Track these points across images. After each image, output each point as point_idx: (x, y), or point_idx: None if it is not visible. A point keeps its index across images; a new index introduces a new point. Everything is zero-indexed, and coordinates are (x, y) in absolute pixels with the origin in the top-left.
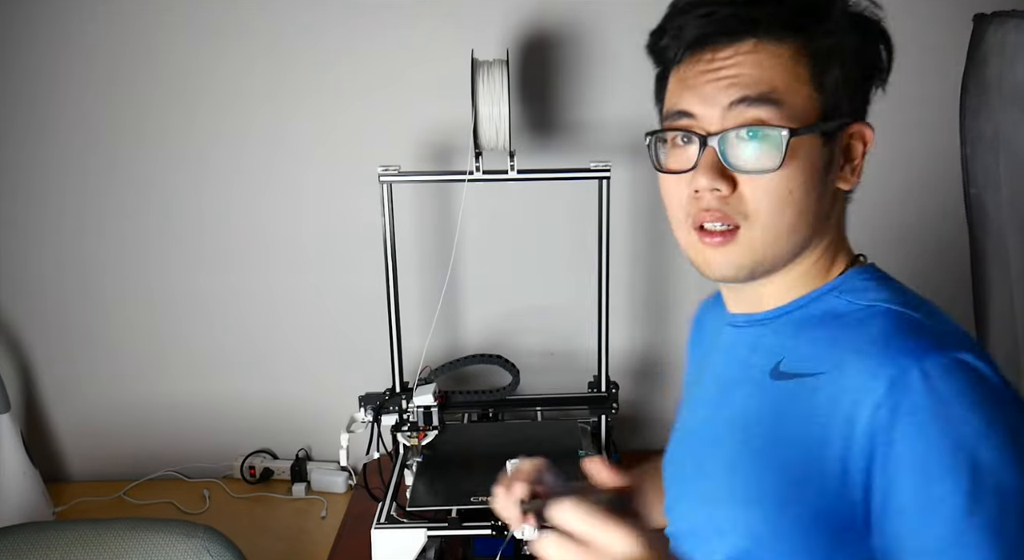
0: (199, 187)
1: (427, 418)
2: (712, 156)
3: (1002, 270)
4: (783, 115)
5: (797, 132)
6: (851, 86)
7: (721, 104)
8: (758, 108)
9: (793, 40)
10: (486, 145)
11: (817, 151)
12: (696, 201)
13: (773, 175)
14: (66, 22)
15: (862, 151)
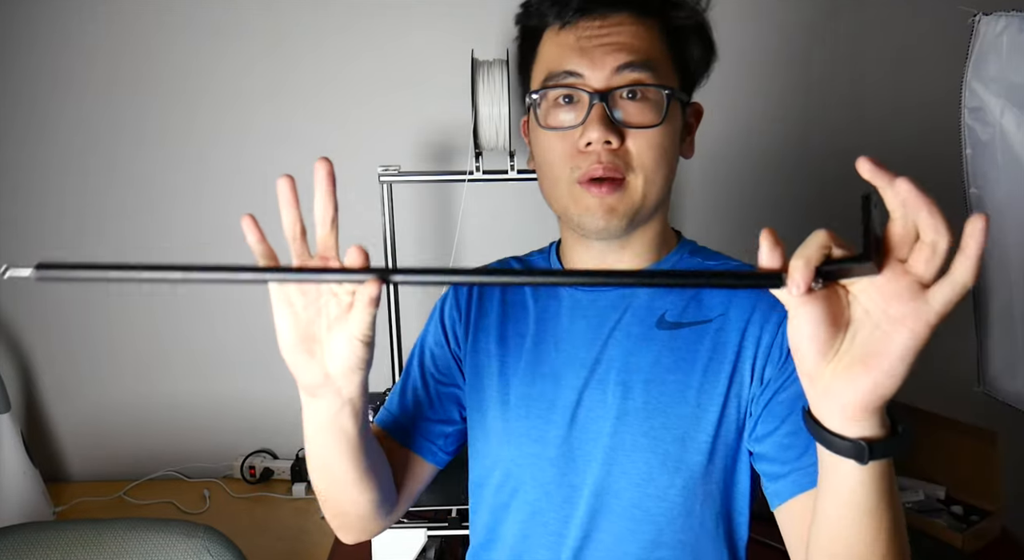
0: (199, 187)
1: None
2: (601, 111)
3: (1002, 270)
4: (659, 80)
5: (673, 94)
6: (701, 65)
7: (609, 66)
8: (640, 72)
9: (654, 21)
10: (486, 145)
11: (678, 116)
12: (585, 156)
13: (656, 130)
14: (66, 23)
15: (695, 127)
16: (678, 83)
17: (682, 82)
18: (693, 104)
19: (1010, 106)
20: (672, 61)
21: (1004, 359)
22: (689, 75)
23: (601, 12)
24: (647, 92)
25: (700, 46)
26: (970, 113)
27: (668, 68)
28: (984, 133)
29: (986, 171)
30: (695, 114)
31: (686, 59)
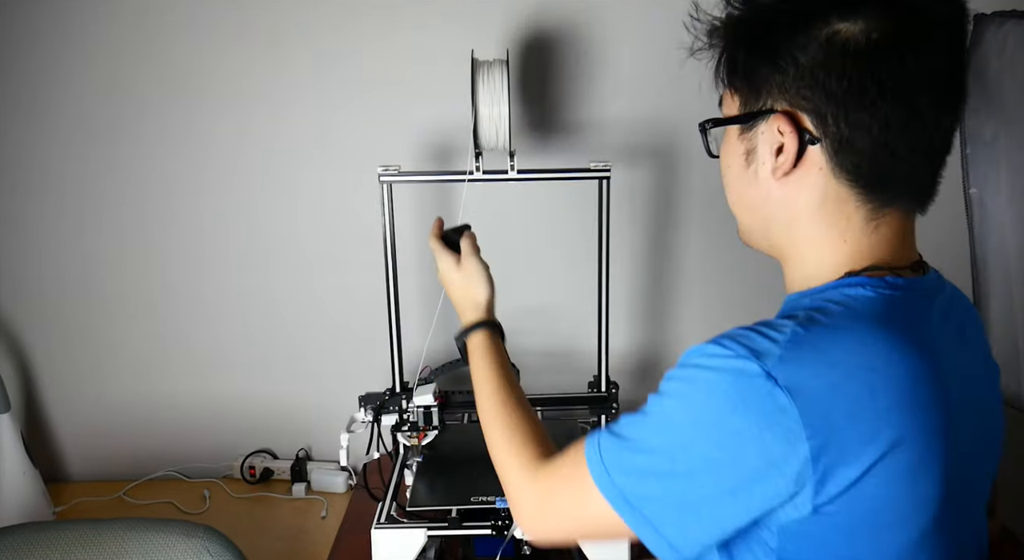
0: (199, 187)
1: (427, 418)
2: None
3: (1002, 270)
4: (721, 114)
5: (704, 125)
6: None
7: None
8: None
9: (720, 49)
10: (486, 145)
11: (735, 142)
12: None
13: (719, 162)
14: (67, 23)
15: (793, 148)
16: (739, 106)
17: (744, 102)
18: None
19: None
20: (731, 84)
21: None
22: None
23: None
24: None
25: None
26: (970, 113)
27: (729, 95)
28: (984, 133)
29: (986, 171)
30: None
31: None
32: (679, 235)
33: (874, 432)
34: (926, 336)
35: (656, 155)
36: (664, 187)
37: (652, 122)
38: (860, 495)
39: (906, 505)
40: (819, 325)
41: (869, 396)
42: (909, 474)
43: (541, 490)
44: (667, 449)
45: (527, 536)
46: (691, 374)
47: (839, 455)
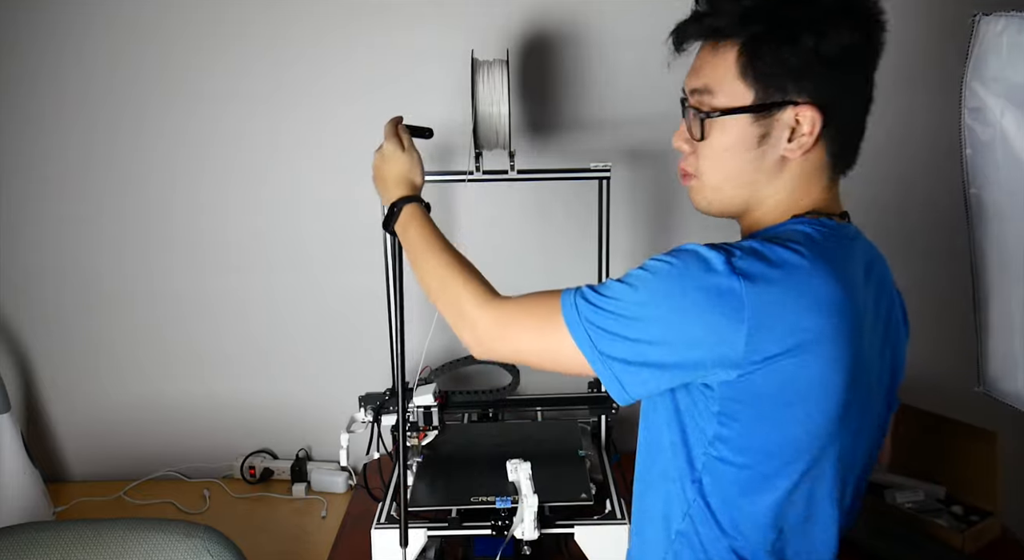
0: (199, 187)
1: (427, 418)
2: (681, 125)
3: (1002, 270)
4: (717, 102)
5: (710, 115)
6: (780, 78)
7: (689, 89)
8: (700, 96)
9: (731, 44)
10: (486, 145)
11: (746, 127)
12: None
13: (706, 142)
14: (68, 24)
15: (810, 129)
16: (753, 97)
17: (762, 93)
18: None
19: (1010, 106)
20: (743, 77)
21: (1004, 359)
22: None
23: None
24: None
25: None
26: (970, 113)
27: (734, 87)
28: (984, 133)
29: (986, 171)
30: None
31: (763, 73)
32: (679, 235)
33: (795, 322)
34: (845, 266)
35: (656, 155)
36: (664, 187)
37: (652, 122)
38: (777, 369)
39: (816, 388)
40: (771, 242)
41: (797, 296)
42: (819, 362)
43: (502, 316)
44: (639, 316)
45: (474, 351)
46: (673, 257)
47: (767, 334)
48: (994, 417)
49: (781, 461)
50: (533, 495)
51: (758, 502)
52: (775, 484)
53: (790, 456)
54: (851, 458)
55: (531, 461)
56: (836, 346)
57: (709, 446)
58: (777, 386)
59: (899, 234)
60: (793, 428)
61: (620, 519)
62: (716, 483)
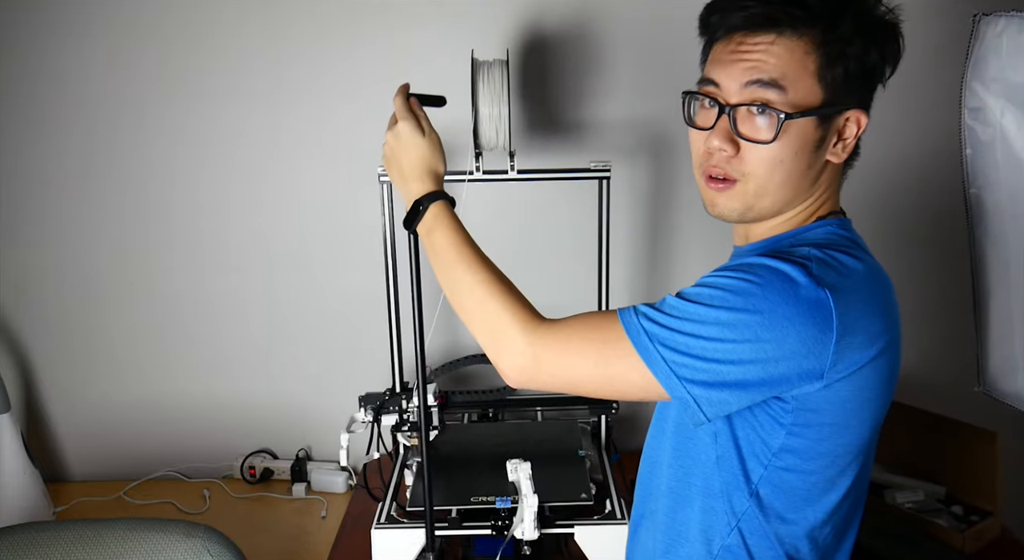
0: (198, 186)
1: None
2: (725, 123)
3: (1002, 270)
4: (786, 100)
5: (792, 116)
6: (852, 82)
7: (739, 81)
8: (766, 90)
9: (807, 39)
10: (486, 145)
11: (811, 131)
12: (709, 156)
13: (769, 146)
14: (67, 24)
15: (855, 133)
16: (820, 100)
17: (831, 95)
18: (851, 112)
19: (1010, 106)
20: (818, 76)
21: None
22: (844, 90)
23: (744, 30)
24: (769, 110)
25: (868, 59)
26: (970, 113)
27: (806, 84)
28: (984, 133)
29: (986, 171)
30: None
31: (840, 76)
32: (679, 235)
33: (872, 328)
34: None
35: (656, 155)
36: (664, 187)
37: (652, 122)
38: (859, 375)
39: (884, 388)
40: (824, 247)
41: (869, 301)
42: (889, 363)
43: (555, 342)
44: (722, 335)
45: (512, 379)
46: (748, 274)
47: (852, 342)
48: (994, 417)
49: (846, 462)
50: (533, 495)
51: (819, 506)
52: (838, 484)
53: (853, 456)
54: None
55: (531, 461)
56: (897, 344)
57: (774, 457)
58: (856, 391)
59: (899, 234)
60: (862, 429)
61: (620, 519)
62: (777, 493)
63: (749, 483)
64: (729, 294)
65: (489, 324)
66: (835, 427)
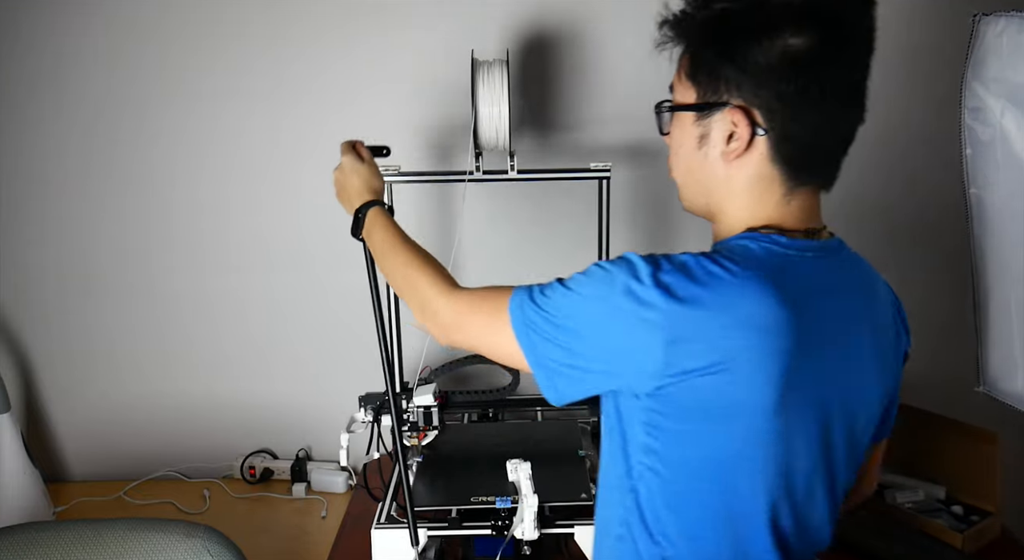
0: (199, 187)
1: (427, 418)
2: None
3: (1002, 270)
4: (675, 100)
5: (665, 109)
6: (715, 81)
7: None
8: (669, 93)
9: (682, 49)
10: (486, 145)
11: (690, 126)
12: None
13: (668, 139)
14: (67, 24)
15: (741, 133)
16: (695, 97)
17: (703, 95)
18: (729, 110)
19: (1010, 106)
20: (691, 78)
21: (1004, 359)
22: (710, 90)
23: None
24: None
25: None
26: (970, 113)
27: (684, 85)
28: (984, 133)
29: (986, 171)
30: (732, 121)
31: (703, 77)
32: (678, 235)
33: (716, 339)
34: (791, 283)
35: (656, 155)
36: (664, 187)
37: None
38: (696, 385)
39: (738, 407)
40: (707, 256)
41: (720, 312)
42: (741, 381)
43: (460, 308)
44: (568, 321)
45: (439, 341)
46: (610, 264)
47: (687, 349)
48: (994, 417)
49: (702, 479)
50: (533, 495)
51: (684, 516)
52: (701, 501)
53: (711, 474)
54: (802, 485)
55: (531, 461)
56: (763, 365)
57: (643, 455)
58: (696, 402)
59: (899, 234)
60: (714, 446)
61: None
62: (648, 493)
63: (630, 478)
64: (585, 280)
65: (418, 297)
66: (681, 435)
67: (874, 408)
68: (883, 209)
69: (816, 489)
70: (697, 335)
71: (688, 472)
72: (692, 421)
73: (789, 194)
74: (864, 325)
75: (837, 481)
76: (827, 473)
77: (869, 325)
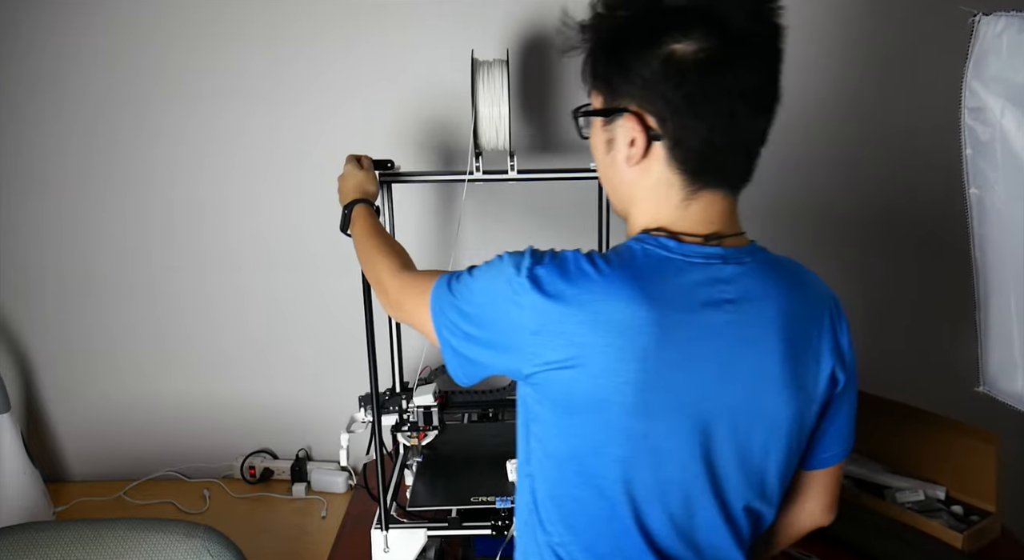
0: (199, 188)
1: (427, 418)
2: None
3: (1002, 270)
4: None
5: (576, 113)
6: (609, 88)
7: None
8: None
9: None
10: (486, 145)
11: (599, 131)
12: None
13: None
14: (67, 24)
15: (636, 139)
16: (602, 102)
17: (606, 101)
18: (626, 117)
19: (1010, 106)
20: (593, 85)
21: (1004, 359)
22: (614, 93)
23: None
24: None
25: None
26: (970, 113)
27: (594, 93)
28: (984, 133)
29: (986, 171)
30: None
31: (602, 80)
32: None
33: (573, 335)
34: (666, 286)
35: None
36: None
37: None
38: (557, 377)
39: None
40: (585, 255)
41: (580, 309)
42: (592, 379)
43: (403, 287)
44: (467, 306)
45: (386, 312)
46: (507, 254)
47: (550, 341)
48: (994, 417)
49: (571, 471)
50: None
51: (563, 508)
52: (573, 494)
53: (578, 467)
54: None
55: None
56: (619, 365)
57: (535, 441)
58: (559, 393)
59: (899, 234)
60: (578, 439)
61: None
62: (538, 481)
63: (529, 463)
64: (485, 268)
65: (375, 277)
66: (553, 425)
67: (780, 428)
68: (884, 209)
69: (698, 504)
70: (557, 329)
71: (559, 463)
72: (558, 412)
73: (689, 198)
74: (770, 338)
75: (728, 500)
76: (713, 489)
77: (779, 338)
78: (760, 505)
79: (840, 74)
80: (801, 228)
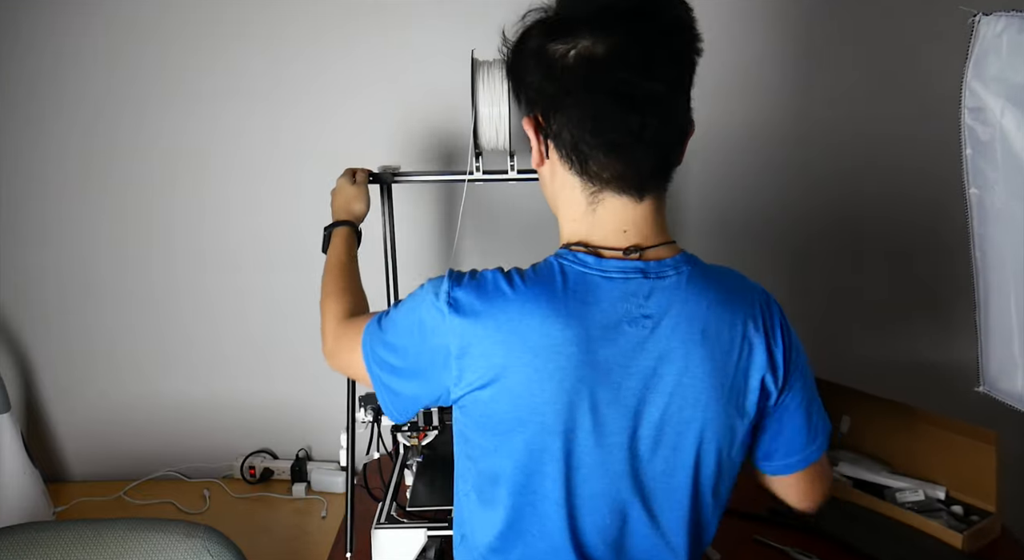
0: (199, 187)
1: (427, 418)
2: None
3: (1002, 270)
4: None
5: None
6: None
7: None
8: None
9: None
10: (486, 145)
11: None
12: None
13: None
14: (66, 24)
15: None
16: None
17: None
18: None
19: (1010, 106)
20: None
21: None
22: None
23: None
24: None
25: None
26: (970, 113)
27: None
28: (984, 133)
29: (986, 171)
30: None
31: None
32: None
33: (489, 355)
34: (582, 302)
35: None
36: None
37: None
38: (478, 398)
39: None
40: (504, 273)
41: (494, 329)
42: (508, 398)
43: (335, 338)
44: (391, 340)
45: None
46: (427, 281)
47: (470, 363)
48: (994, 417)
49: (504, 491)
50: None
51: (486, 522)
52: (492, 511)
53: (508, 488)
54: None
55: None
56: (537, 384)
57: (469, 461)
58: (481, 415)
59: (899, 233)
60: (504, 460)
61: None
62: (474, 497)
63: (463, 481)
64: (408, 299)
65: (322, 321)
66: (481, 448)
67: (708, 443)
68: (884, 209)
69: (629, 518)
70: (478, 349)
71: (492, 481)
72: (485, 434)
73: (593, 202)
74: (692, 354)
75: (657, 514)
76: (642, 504)
77: (701, 354)
78: (696, 517)
79: (840, 74)
80: (801, 228)
